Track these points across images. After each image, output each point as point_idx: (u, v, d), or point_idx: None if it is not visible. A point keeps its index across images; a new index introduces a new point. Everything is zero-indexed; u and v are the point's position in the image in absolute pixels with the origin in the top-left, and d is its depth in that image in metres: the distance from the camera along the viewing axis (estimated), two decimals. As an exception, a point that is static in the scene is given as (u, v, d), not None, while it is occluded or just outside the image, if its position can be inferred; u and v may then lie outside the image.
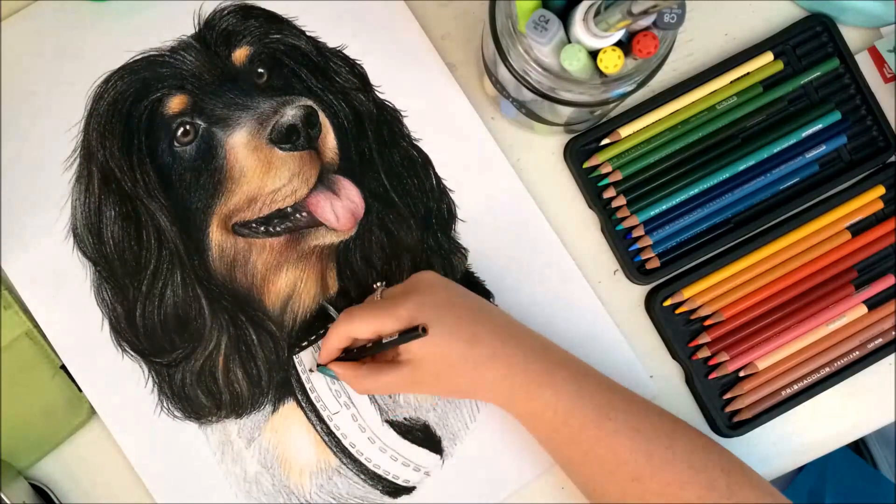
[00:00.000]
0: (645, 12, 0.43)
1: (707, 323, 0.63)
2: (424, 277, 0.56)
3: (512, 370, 0.54)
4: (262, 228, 0.60)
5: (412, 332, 0.52)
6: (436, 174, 0.62)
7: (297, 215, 0.60)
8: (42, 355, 0.60)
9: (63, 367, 0.60)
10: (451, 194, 0.62)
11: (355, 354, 0.57)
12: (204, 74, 0.60)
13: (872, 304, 0.63)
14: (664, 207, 0.62)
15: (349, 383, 0.57)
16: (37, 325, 0.60)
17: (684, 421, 0.55)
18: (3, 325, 0.59)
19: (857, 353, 0.62)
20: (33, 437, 0.60)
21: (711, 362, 0.62)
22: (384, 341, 0.54)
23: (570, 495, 0.62)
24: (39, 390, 0.60)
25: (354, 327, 0.55)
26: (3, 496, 0.56)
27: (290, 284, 0.61)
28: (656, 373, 0.63)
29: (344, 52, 0.62)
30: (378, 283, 0.58)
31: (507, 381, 0.54)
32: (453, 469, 0.61)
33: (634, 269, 0.62)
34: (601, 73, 0.48)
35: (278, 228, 0.60)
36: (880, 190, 0.63)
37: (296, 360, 0.61)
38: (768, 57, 0.63)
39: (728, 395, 0.62)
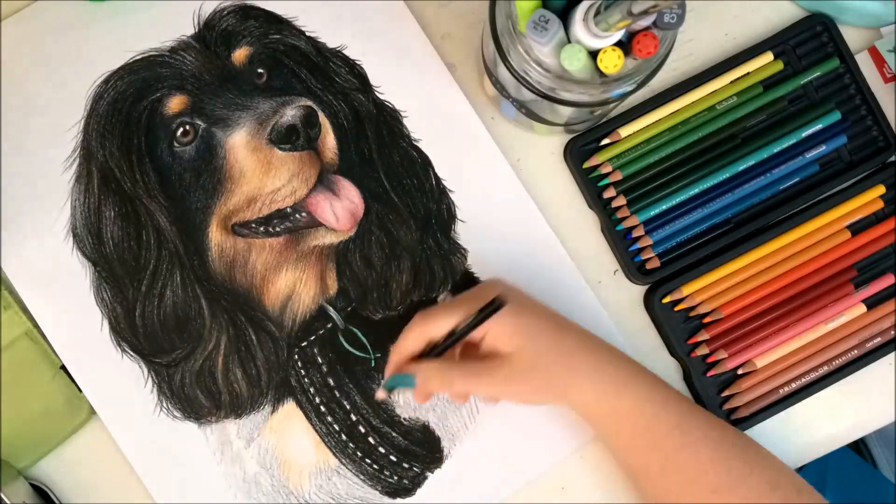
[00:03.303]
0: (645, 12, 0.43)
1: (706, 320, 0.63)
2: (499, 283, 0.55)
3: (600, 364, 0.53)
4: (262, 229, 0.60)
5: (490, 307, 0.49)
6: (435, 174, 0.62)
7: (297, 215, 0.60)
8: (42, 355, 0.60)
9: (63, 368, 0.60)
10: (450, 195, 0.62)
11: (430, 354, 0.53)
12: (204, 74, 0.60)
13: (872, 303, 0.63)
14: (664, 207, 0.62)
15: (436, 380, 0.52)
16: (36, 325, 0.60)
17: (756, 441, 0.56)
18: (3, 325, 0.59)
19: (856, 352, 0.62)
20: (33, 437, 0.60)
21: (710, 360, 0.62)
22: (460, 328, 0.51)
23: (570, 495, 0.62)
24: (39, 390, 0.60)
25: (433, 325, 0.52)
26: (3, 496, 0.56)
27: (289, 285, 0.61)
28: (655, 370, 0.63)
29: (344, 52, 0.62)
30: (444, 294, 0.56)
31: (597, 375, 0.53)
32: (453, 469, 0.61)
33: (634, 269, 0.62)
34: (601, 73, 0.48)
35: (278, 229, 0.60)
36: (880, 189, 0.63)
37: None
38: (768, 57, 0.63)
39: (726, 393, 0.62)
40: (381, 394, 0.54)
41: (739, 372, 0.62)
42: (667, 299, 0.63)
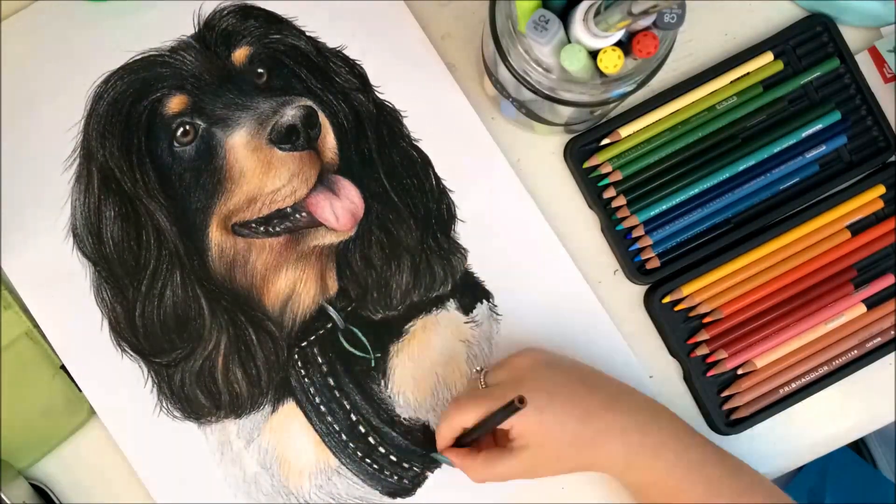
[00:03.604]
0: (645, 12, 0.43)
1: (706, 320, 0.63)
2: (525, 361, 0.56)
3: (627, 442, 0.54)
4: (262, 229, 0.60)
5: (511, 407, 0.51)
6: (435, 174, 0.62)
7: (297, 215, 0.60)
8: (42, 355, 0.60)
9: (63, 368, 0.60)
10: (450, 194, 0.62)
11: (464, 439, 0.57)
12: (204, 74, 0.60)
13: (871, 303, 0.63)
14: (664, 207, 0.62)
15: (466, 471, 0.57)
16: (36, 325, 0.60)
17: (788, 495, 0.56)
18: (3, 325, 0.59)
19: (856, 352, 0.62)
20: (33, 437, 0.60)
21: (710, 360, 0.62)
22: (485, 424, 0.54)
23: (570, 495, 0.62)
24: (39, 390, 0.60)
25: (465, 418, 0.55)
26: (3, 496, 0.56)
27: (289, 285, 0.61)
28: (655, 370, 0.63)
29: (344, 52, 0.62)
30: (477, 369, 0.58)
31: (622, 453, 0.54)
32: (454, 470, 0.61)
33: (634, 269, 0.62)
34: (601, 73, 0.48)
35: (278, 229, 0.60)
36: (880, 189, 0.63)
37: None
38: (768, 57, 0.63)
39: (726, 393, 0.62)
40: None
41: (739, 372, 0.62)
42: (667, 299, 0.63)
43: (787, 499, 0.55)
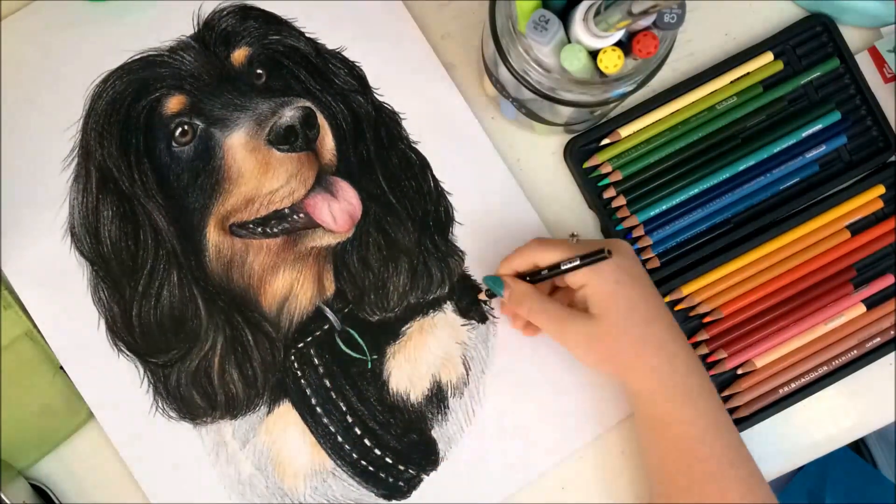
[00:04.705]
0: (645, 12, 0.43)
1: (706, 320, 0.63)
2: (623, 245, 0.56)
3: (672, 368, 0.54)
4: (260, 229, 0.60)
5: (597, 255, 0.51)
6: (433, 177, 0.62)
7: (295, 217, 0.60)
8: (42, 355, 0.60)
9: (62, 368, 0.60)
10: (448, 197, 0.62)
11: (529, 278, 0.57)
12: (203, 75, 0.60)
13: (871, 303, 0.63)
14: (664, 207, 0.62)
15: (518, 300, 0.56)
16: (35, 325, 0.60)
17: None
18: (4, 325, 0.59)
19: (856, 352, 0.62)
20: (33, 437, 0.60)
21: (710, 359, 0.62)
22: (563, 266, 0.54)
23: (570, 495, 0.62)
24: (39, 390, 0.60)
25: (547, 255, 0.55)
26: (3, 496, 0.56)
27: (286, 286, 0.61)
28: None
29: (343, 53, 0.62)
30: (574, 234, 0.56)
31: (660, 377, 0.54)
32: (449, 472, 0.61)
33: (634, 269, 0.62)
34: (601, 73, 0.48)
35: (275, 229, 0.60)
36: (880, 189, 0.63)
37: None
38: (768, 57, 0.63)
39: (726, 393, 0.62)
40: (482, 295, 0.61)
41: (739, 372, 0.62)
42: (667, 299, 0.63)
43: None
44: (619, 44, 0.48)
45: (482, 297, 0.61)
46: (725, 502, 0.53)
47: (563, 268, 0.54)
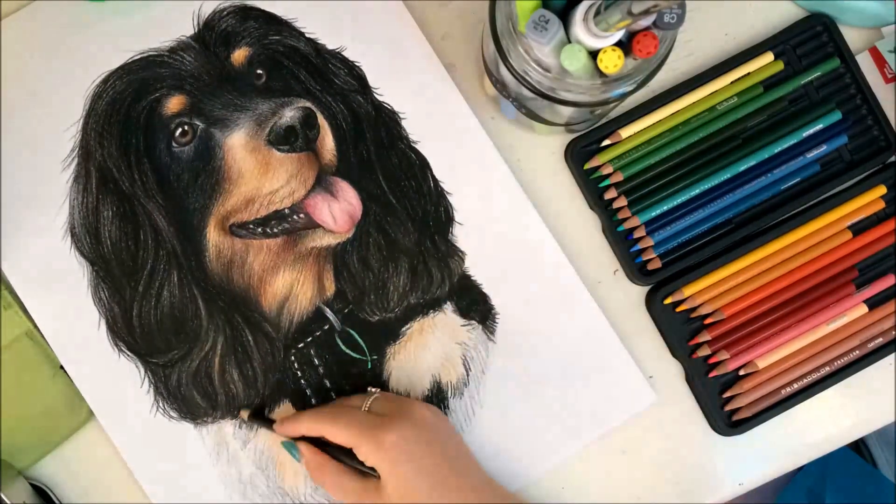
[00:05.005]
0: (645, 12, 0.42)
1: (707, 321, 0.63)
2: (415, 410, 0.56)
3: None
4: (260, 230, 0.60)
5: (359, 466, 0.54)
6: (434, 177, 0.62)
7: (295, 217, 0.60)
8: (42, 355, 0.60)
9: (63, 368, 0.60)
10: (448, 197, 0.62)
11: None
12: (203, 75, 0.60)
13: (873, 303, 0.63)
14: (665, 208, 0.62)
15: (311, 471, 0.57)
16: (35, 325, 0.60)
17: None
18: (3, 325, 0.59)
19: (858, 352, 0.62)
20: (33, 437, 0.60)
21: (711, 361, 0.62)
22: (341, 457, 0.56)
23: (570, 495, 0.62)
24: (39, 390, 0.60)
25: (334, 432, 0.55)
26: (3, 496, 0.56)
27: (286, 286, 0.61)
28: (656, 371, 0.63)
29: (343, 53, 0.62)
30: (372, 390, 0.58)
31: None
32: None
33: (636, 269, 0.62)
34: (601, 73, 0.48)
35: (275, 230, 0.60)
36: (881, 190, 0.63)
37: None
38: (768, 57, 0.63)
39: (728, 394, 0.62)
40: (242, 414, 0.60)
41: (741, 373, 0.62)
42: (668, 300, 0.62)
43: None
44: (619, 44, 0.48)
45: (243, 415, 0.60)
46: None
47: (339, 457, 0.56)
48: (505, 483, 0.61)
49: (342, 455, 0.57)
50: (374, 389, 0.58)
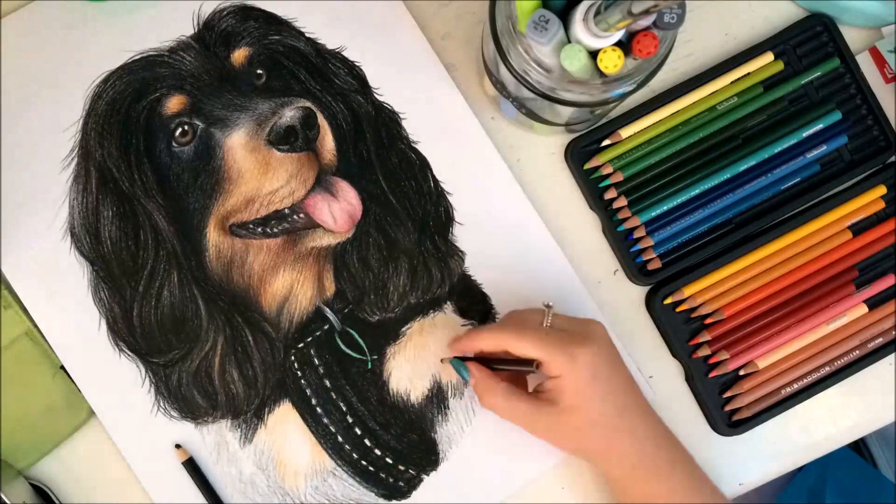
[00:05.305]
0: (645, 12, 0.42)
1: (707, 321, 0.63)
2: (598, 329, 0.56)
3: (641, 453, 0.55)
4: (260, 230, 0.60)
5: (527, 366, 0.53)
6: (433, 177, 0.62)
7: (295, 217, 0.60)
8: (42, 355, 0.60)
9: (63, 367, 0.60)
10: (448, 197, 0.62)
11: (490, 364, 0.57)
12: (203, 75, 0.60)
13: (873, 303, 0.63)
14: (666, 208, 0.62)
15: (480, 395, 0.56)
16: (35, 325, 0.60)
17: None
18: (3, 324, 0.59)
19: (858, 352, 0.62)
20: (33, 437, 0.60)
21: (711, 361, 0.62)
22: (508, 362, 0.55)
23: (570, 495, 0.62)
24: (39, 390, 0.60)
25: (521, 345, 0.54)
26: (3, 496, 0.56)
27: (286, 286, 0.61)
28: (656, 372, 0.63)
29: (343, 53, 0.62)
30: (548, 304, 0.56)
31: (631, 461, 0.54)
32: (449, 472, 0.61)
33: (636, 270, 0.62)
34: (601, 73, 0.48)
35: (275, 230, 0.60)
36: (881, 190, 0.63)
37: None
38: (769, 57, 0.63)
39: (728, 394, 0.62)
40: (445, 361, 0.60)
41: (741, 373, 0.62)
42: (668, 300, 0.62)
43: None
44: (619, 44, 0.48)
45: (445, 362, 0.60)
46: None
47: (510, 367, 0.55)
48: (505, 483, 0.61)
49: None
50: (549, 304, 0.56)
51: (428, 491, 0.61)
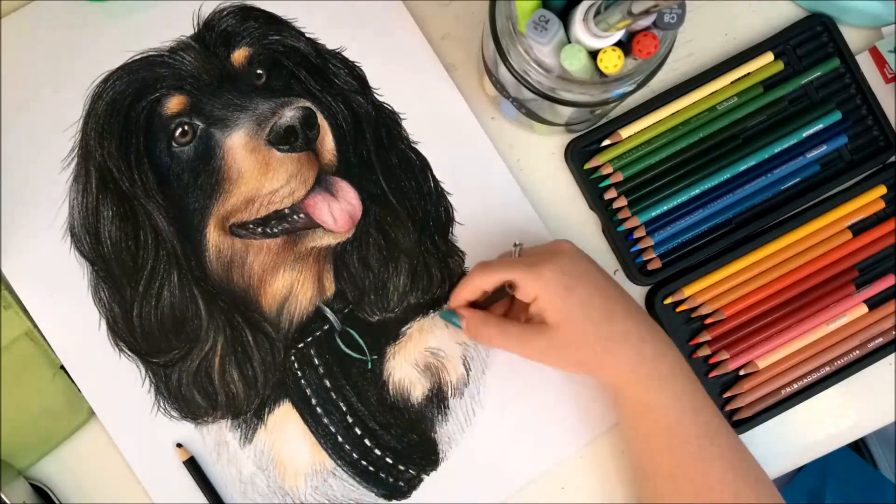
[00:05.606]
0: (645, 12, 0.42)
1: (707, 321, 0.63)
2: (565, 246, 0.56)
3: (641, 357, 0.54)
4: (260, 230, 0.60)
5: (500, 294, 0.54)
6: (434, 177, 0.62)
7: (295, 217, 0.60)
8: (42, 355, 0.60)
9: (63, 367, 0.60)
10: (448, 197, 0.62)
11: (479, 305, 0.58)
12: (203, 75, 0.60)
13: (873, 303, 0.63)
14: (666, 208, 0.62)
15: (475, 331, 0.57)
16: (35, 325, 0.60)
17: (770, 480, 0.56)
18: (3, 325, 0.59)
19: (858, 352, 0.62)
20: (33, 437, 0.60)
21: (712, 361, 0.62)
22: (492, 295, 0.56)
23: (570, 495, 0.62)
24: (39, 390, 0.60)
25: (491, 279, 0.55)
26: (3, 496, 0.56)
27: (286, 286, 0.61)
28: (656, 373, 0.63)
29: (343, 53, 0.62)
30: (517, 243, 0.57)
31: (632, 366, 0.54)
32: (449, 472, 0.61)
33: (636, 270, 0.62)
34: (601, 73, 0.48)
35: (275, 230, 0.60)
36: (881, 190, 0.63)
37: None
38: (769, 57, 0.63)
39: (728, 394, 0.62)
40: (439, 317, 0.61)
41: (741, 373, 0.62)
42: (668, 300, 0.62)
43: (765, 475, 0.56)
44: (619, 44, 0.48)
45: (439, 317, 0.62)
46: (709, 482, 0.53)
47: (490, 298, 0.57)
48: (505, 483, 0.61)
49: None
50: (518, 242, 0.57)
51: (428, 491, 0.61)
